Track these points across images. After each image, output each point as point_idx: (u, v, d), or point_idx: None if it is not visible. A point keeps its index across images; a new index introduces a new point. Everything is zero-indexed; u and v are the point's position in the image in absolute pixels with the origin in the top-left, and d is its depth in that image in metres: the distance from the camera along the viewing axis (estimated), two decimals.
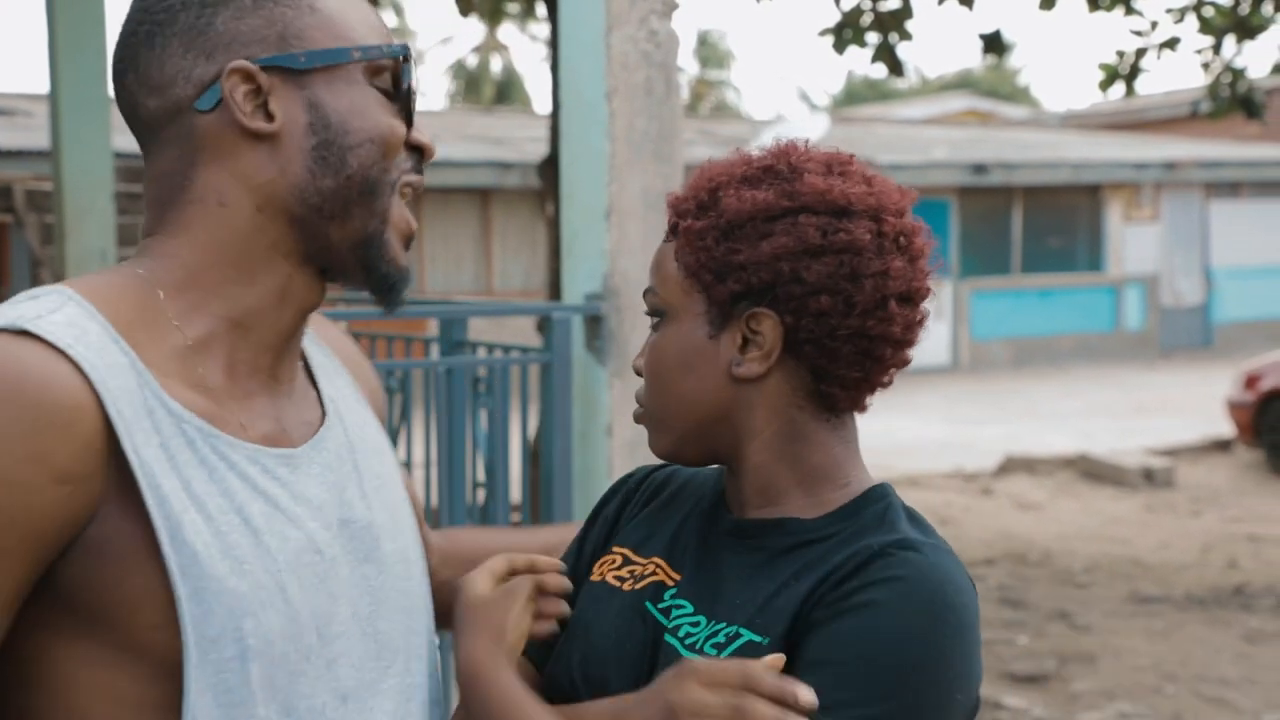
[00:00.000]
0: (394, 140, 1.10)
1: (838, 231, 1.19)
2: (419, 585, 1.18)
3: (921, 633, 1.11)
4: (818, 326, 1.19)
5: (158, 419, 1.00)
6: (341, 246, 1.09)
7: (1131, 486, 9.84)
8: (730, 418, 1.22)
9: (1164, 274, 20.06)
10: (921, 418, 13.54)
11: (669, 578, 1.25)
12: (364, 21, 1.11)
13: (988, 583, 7.18)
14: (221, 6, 1.07)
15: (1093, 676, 5.62)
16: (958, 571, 1.17)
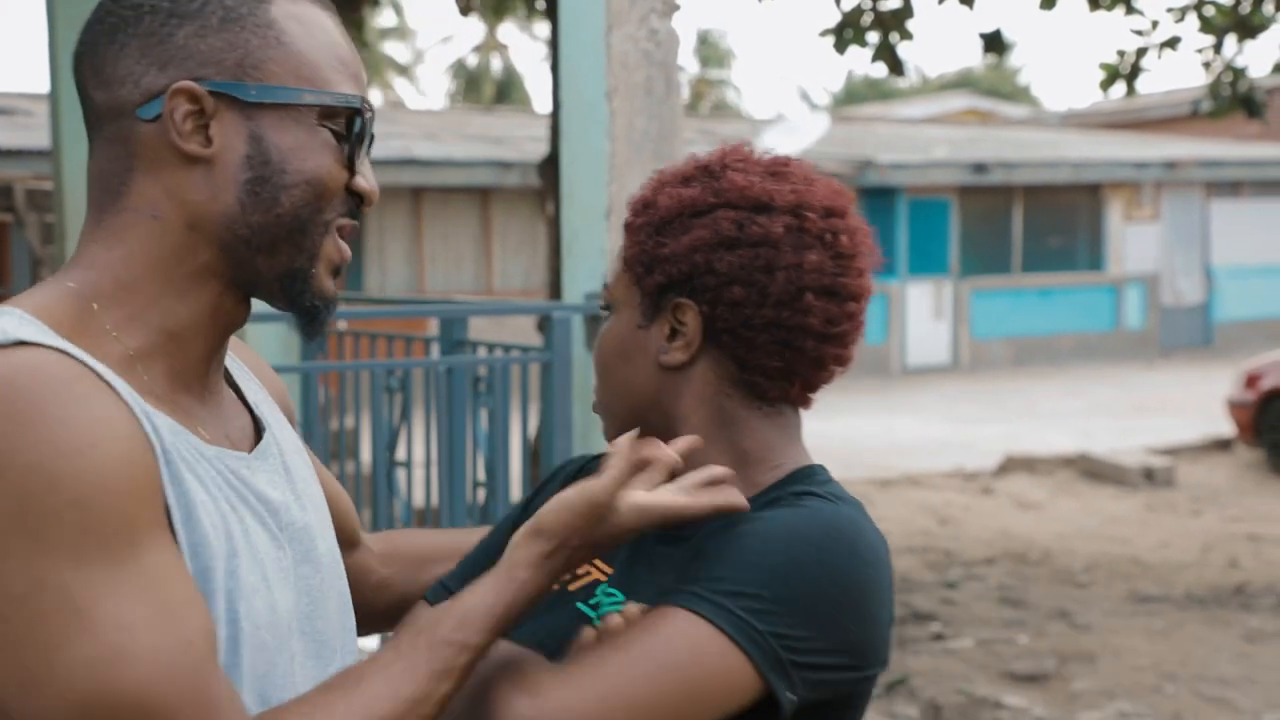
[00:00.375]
0: (331, 185, 1.08)
1: (753, 225, 1.24)
2: (345, 584, 1.21)
3: (811, 545, 1.15)
4: (733, 316, 1.24)
5: (140, 405, 1.01)
6: (267, 277, 1.08)
7: (1132, 486, 9.84)
8: (662, 405, 1.28)
9: (1164, 273, 20.05)
10: (921, 417, 13.54)
11: (602, 572, 1.29)
12: (332, 61, 1.09)
13: (988, 582, 7.18)
14: (188, 20, 1.05)
15: (1093, 676, 5.62)
16: (864, 523, 1.21)
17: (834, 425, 12.89)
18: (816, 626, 1.13)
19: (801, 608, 1.13)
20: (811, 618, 1.13)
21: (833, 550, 1.15)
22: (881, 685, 5.52)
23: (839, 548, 1.16)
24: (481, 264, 15.60)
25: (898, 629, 6.34)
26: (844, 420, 13.27)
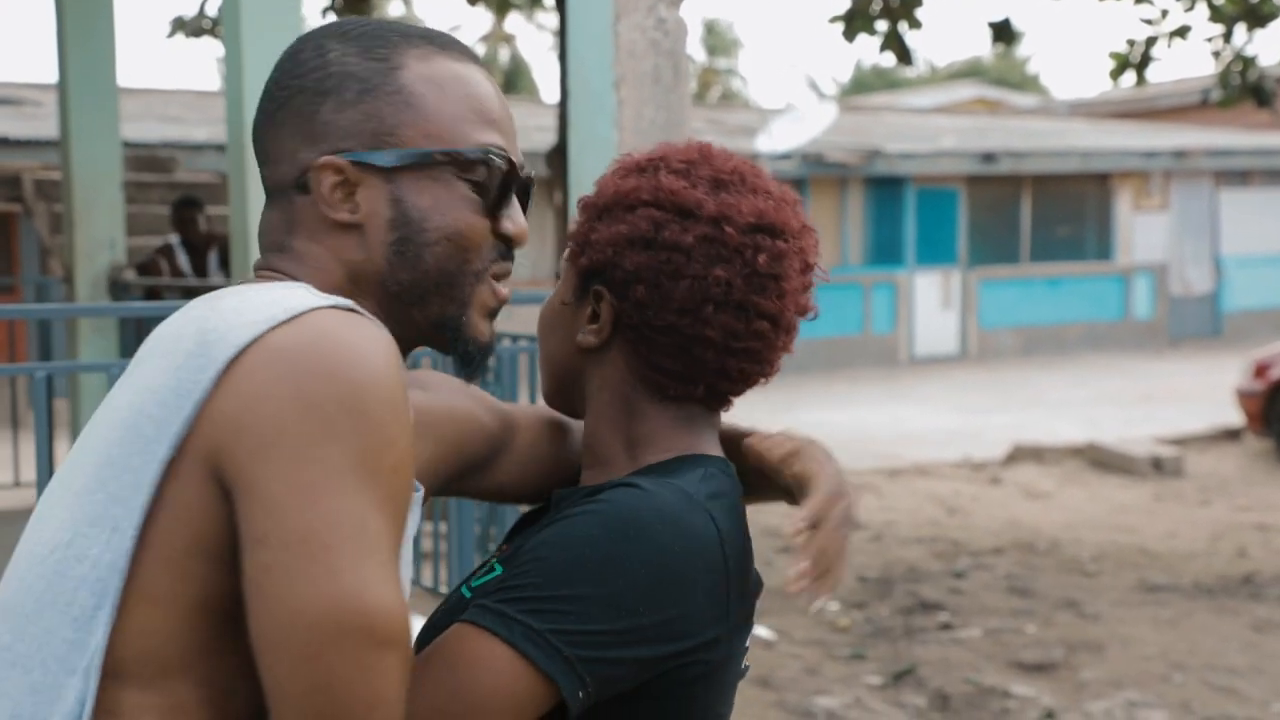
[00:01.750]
0: (473, 236, 1.15)
1: (668, 229, 1.26)
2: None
3: (597, 540, 1.15)
4: (636, 314, 1.27)
5: None
6: (423, 326, 1.16)
7: (1140, 475, 9.83)
8: (577, 380, 1.33)
9: (1173, 263, 20.01)
10: (929, 407, 13.53)
11: (500, 552, 1.34)
12: (464, 114, 1.15)
13: (996, 572, 7.18)
14: (328, 97, 1.14)
15: (1101, 665, 5.62)
16: (679, 509, 1.18)
17: (842, 415, 12.88)
18: (601, 618, 1.12)
19: (583, 601, 1.12)
20: (595, 609, 1.12)
21: (622, 539, 1.14)
22: (889, 675, 5.52)
23: (630, 536, 1.15)
24: None
25: (905, 618, 6.34)
26: (852, 410, 13.27)
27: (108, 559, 1.02)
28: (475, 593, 1.22)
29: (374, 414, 1.00)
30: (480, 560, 1.43)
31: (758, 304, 1.27)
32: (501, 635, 1.11)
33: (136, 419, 1.03)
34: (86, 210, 6.82)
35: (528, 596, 1.13)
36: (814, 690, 5.24)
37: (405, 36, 1.16)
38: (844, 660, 5.71)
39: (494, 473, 1.41)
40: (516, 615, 1.12)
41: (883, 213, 18.25)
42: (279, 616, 0.98)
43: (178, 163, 10.77)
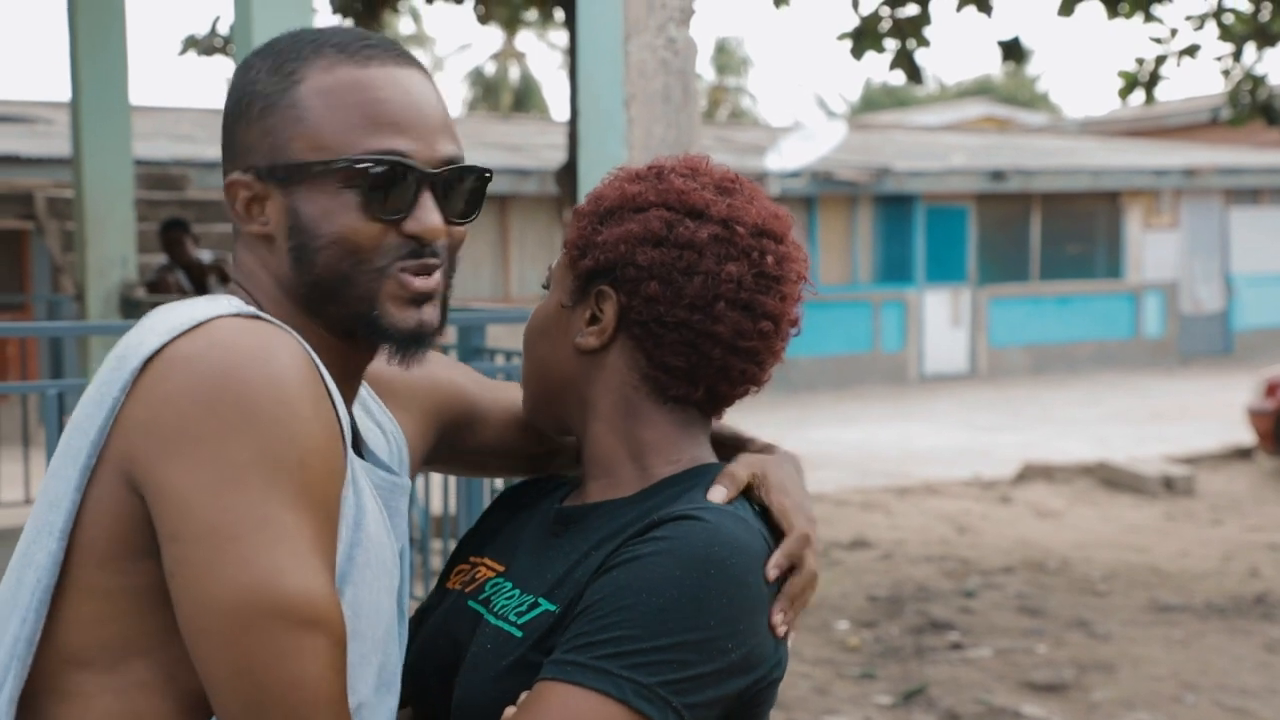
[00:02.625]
0: (359, 240, 1.18)
1: (681, 227, 1.28)
2: (401, 623, 1.29)
3: (680, 580, 1.15)
4: (647, 310, 1.28)
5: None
6: (342, 323, 1.20)
7: (1151, 494, 9.80)
8: (575, 387, 1.32)
9: (1184, 281, 19.98)
10: (939, 425, 13.51)
11: (493, 570, 1.34)
12: (353, 121, 1.18)
13: (1006, 591, 7.16)
14: (241, 116, 1.21)
15: (1112, 685, 5.59)
16: (742, 536, 1.20)
17: (851, 433, 12.86)
18: (700, 662, 1.14)
19: (682, 649, 1.13)
20: (693, 655, 1.14)
21: (709, 580, 1.16)
22: (899, 694, 5.50)
23: (712, 574, 1.16)
24: (499, 271, 15.63)
25: (915, 638, 6.32)
26: (861, 428, 13.25)
27: (47, 562, 1.11)
28: (528, 630, 1.22)
29: (270, 411, 1.05)
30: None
31: (763, 304, 1.29)
32: (613, 695, 1.11)
33: (70, 431, 1.12)
34: (98, 228, 6.84)
35: (627, 651, 1.13)
36: (824, 710, 5.22)
37: (316, 48, 1.20)
38: (854, 680, 5.69)
39: (477, 435, 1.44)
40: (621, 672, 1.12)
41: (892, 231, 18.25)
42: (198, 607, 1.04)
43: (189, 180, 10.80)
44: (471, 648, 1.26)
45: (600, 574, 1.19)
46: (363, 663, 1.14)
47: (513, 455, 1.47)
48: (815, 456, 11.12)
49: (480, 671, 1.23)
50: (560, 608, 1.22)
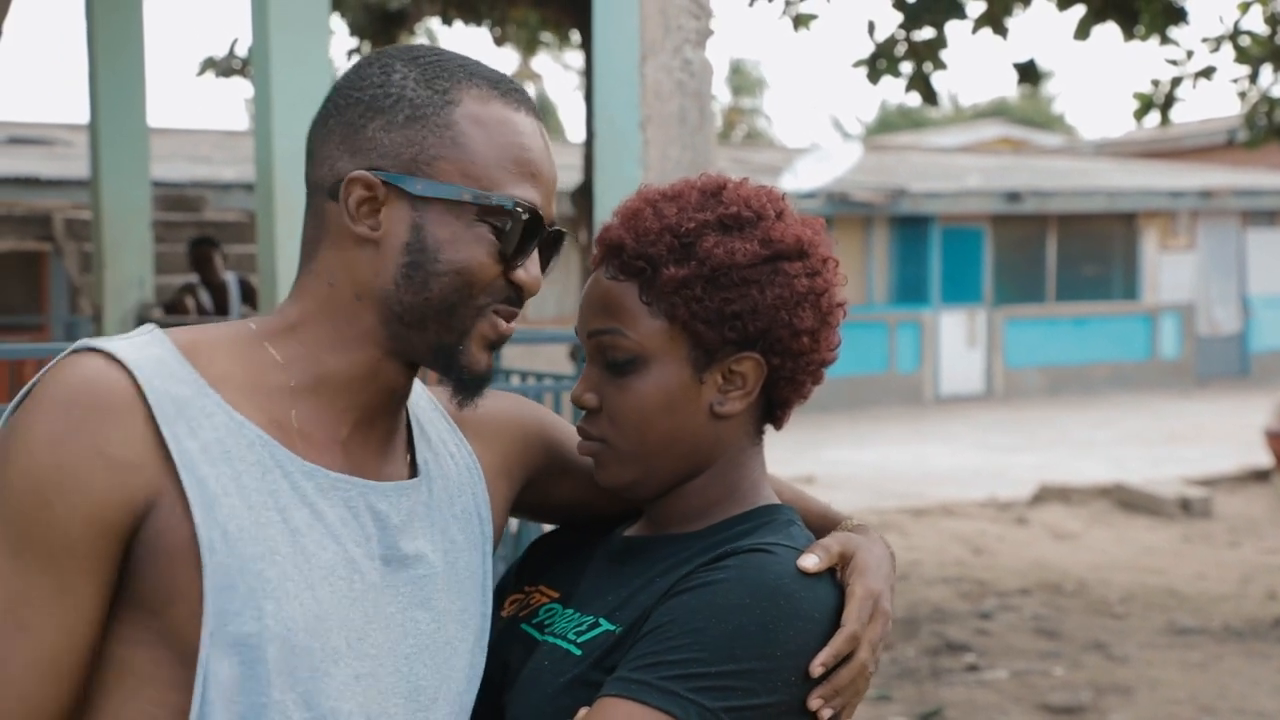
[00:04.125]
0: (481, 276, 1.17)
1: (814, 276, 1.28)
2: (468, 652, 1.25)
3: (750, 608, 1.16)
4: (796, 365, 1.28)
5: (215, 420, 1.11)
6: (419, 349, 1.19)
7: (1168, 516, 9.75)
8: (701, 451, 1.29)
9: (1200, 302, 19.92)
10: (955, 446, 13.47)
11: (547, 596, 1.33)
12: (504, 163, 1.17)
13: (1022, 613, 7.13)
14: (379, 114, 1.17)
15: (1129, 708, 5.56)
16: (806, 577, 1.20)
17: (866, 454, 12.83)
18: (763, 692, 1.15)
19: (748, 676, 1.14)
20: (758, 684, 1.14)
21: (776, 611, 1.16)
22: (915, 716, 5.48)
23: (781, 607, 1.17)
24: None
25: (931, 659, 6.29)
26: (876, 449, 13.22)
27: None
28: (587, 649, 1.22)
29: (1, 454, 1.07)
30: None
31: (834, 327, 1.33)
32: (677, 716, 1.12)
33: None
34: (116, 249, 6.88)
35: (694, 674, 1.13)
36: None
37: (469, 74, 1.19)
38: (870, 701, 5.67)
39: (565, 486, 1.41)
40: (687, 694, 1.12)
41: (908, 252, 18.24)
42: None
43: (206, 202, 10.86)
44: (526, 667, 1.26)
45: (668, 597, 1.19)
46: (319, 675, 1.10)
47: (597, 514, 1.43)
48: (830, 477, 11.10)
49: (537, 689, 1.23)
50: (622, 628, 1.22)
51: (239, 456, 1.10)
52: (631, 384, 1.27)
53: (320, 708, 1.10)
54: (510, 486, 1.35)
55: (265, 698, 1.07)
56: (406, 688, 1.17)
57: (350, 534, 1.15)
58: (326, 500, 1.14)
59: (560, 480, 1.40)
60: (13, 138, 14.15)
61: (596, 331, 1.29)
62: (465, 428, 1.33)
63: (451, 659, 1.21)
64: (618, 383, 1.28)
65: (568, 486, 1.41)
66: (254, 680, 1.07)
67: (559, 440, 1.41)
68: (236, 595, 1.07)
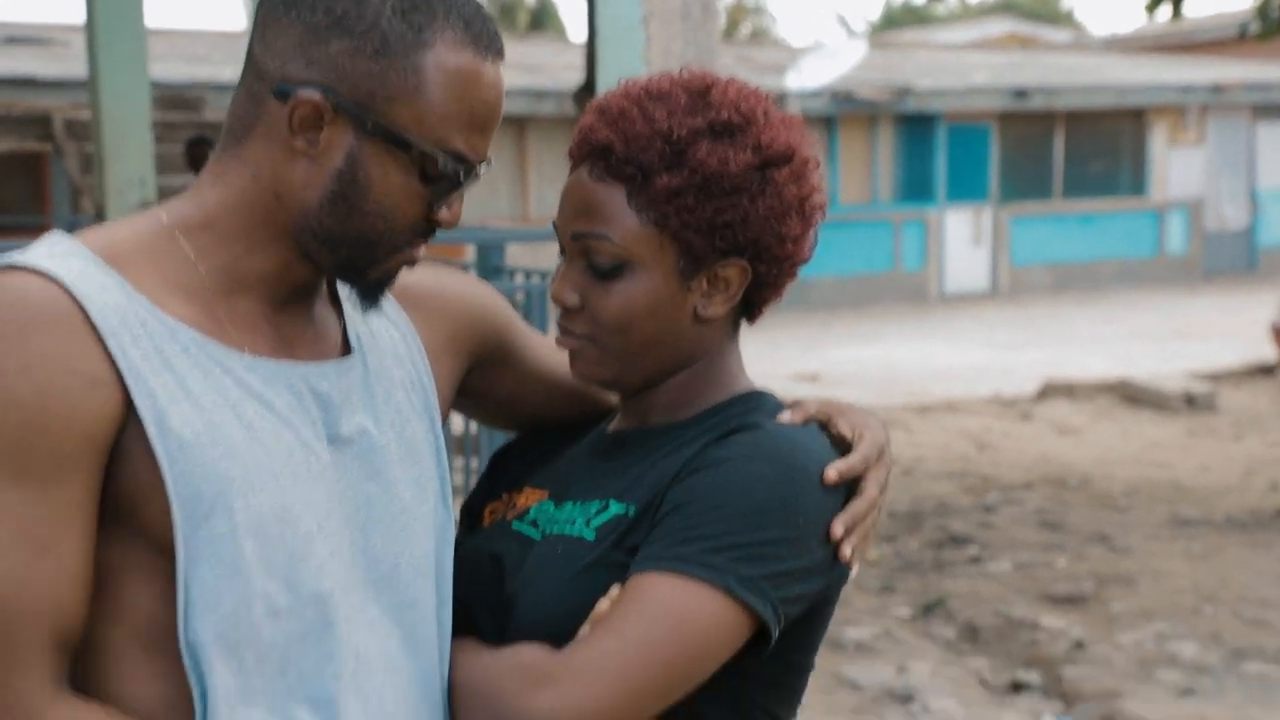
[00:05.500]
0: (404, 220, 1.16)
1: (800, 181, 1.28)
2: (431, 514, 1.25)
3: (770, 481, 1.19)
4: (779, 269, 1.30)
5: (150, 328, 1.10)
6: (327, 263, 1.18)
7: (1172, 411, 9.78)
8: (683, 350, 1.30)
9: (1209, 198, 19.79)
10: (960, 344, 13.49)
11: (534, 496, 1.34)
12: (460, 119, 1.15)
13: (1026, 506, 7.18)
14: (348, 36, 1.12)
15: (1131, 598, 5.63)
16: (815, 446, 1.25)
17: (871, 352, 12.85)
18: (792, 558, 1.18)
19: (777, 545, 1.17)
20: (786, 551, 1.18)
21: (793, 480, 1.20)
22: (919, 607, 5.55)
23: (797, 478, 1.20)
24: (517, 192, 15.58)
25: (934, 552, 6.36)
26: (881, 347, 13.24)
27: None
28: (601, 533, 1.23)
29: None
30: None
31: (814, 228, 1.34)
32: (719, 585, 1.15)
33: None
34: (117, 149, 6.83)
35: (727, 545, 1.16)
36: (844, 622, 5.28)
37: (448, 14, 1.15)
38: (873, 593, 5.74)
39: (513, 372, 1.40)
40: (724, 564, 1.15)
41: (913, 150, 18.09)
42: None
43: (205, 102, 10.77)
44: (531, 559, 1.26)
45: (683, 478, 1.21)
46: (297, 560, 1.12)
47: (538, 414, 1.44)
48: (835, 375, 11.13)
49: (550, 578, 1.23)
50: (635, 510, 1.23)
51: (179, 363, 1.10)
52: (616, 287, 1.27)
53: (302, 590, 1.12)
54: (455, 365, 1.35)
55: (250, 590, 1.09)
56: (365, 559, 1.18)
57: (299, 418, 1.15)
58: (272, 389, 1.14)
59: (504, 371, 1.40)
60: (9, 37, 14.01)
61: (581, 235, 1.28)
62: (409, 302, 1.32)
63: (409, 525, 1.22)
64: (601, 285, 1.27)
65: (511, 379, 1.40)
66: (236, 576, 1.08)
67: (510, 330, 1.40)
68: (204, 500, 1.08)
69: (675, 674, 1.14)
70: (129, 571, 1.10)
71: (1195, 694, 4.57)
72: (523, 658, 1.16)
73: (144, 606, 1.10)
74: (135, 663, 1.10)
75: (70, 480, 1.06)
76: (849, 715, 4.30)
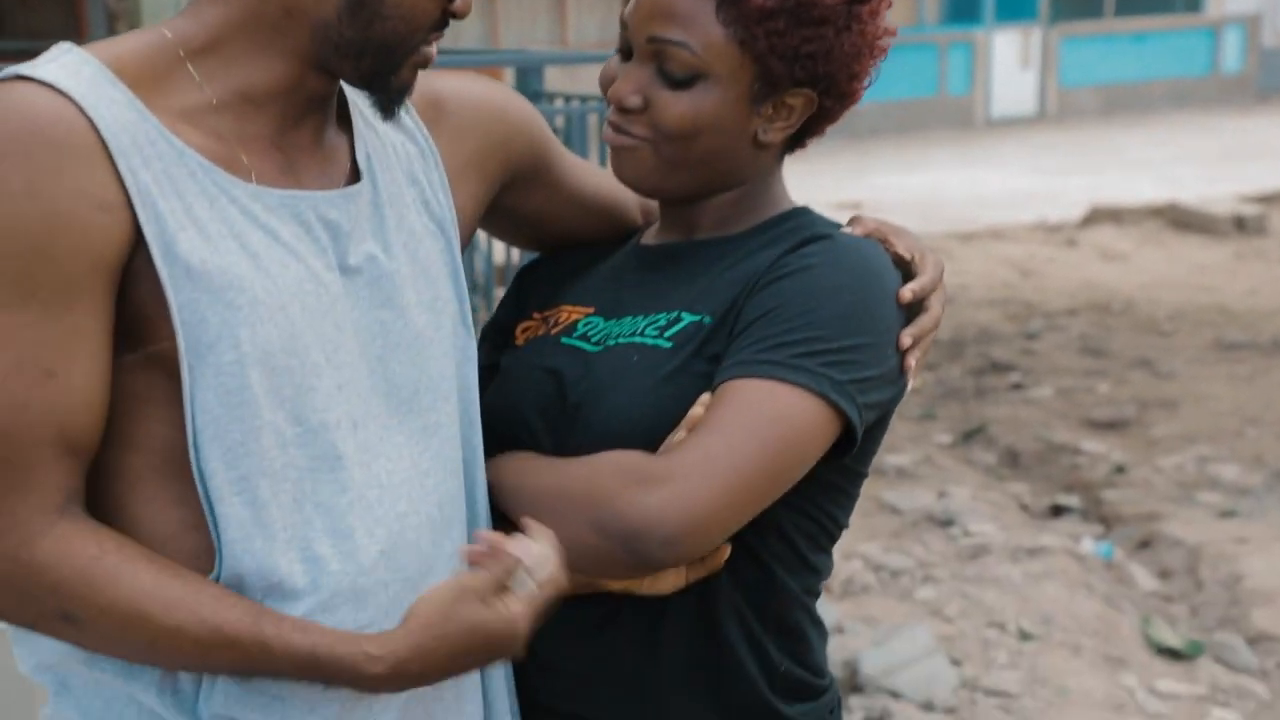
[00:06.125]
0: (425, 23, 1.14)
1: (876, 19, 1.27)
2: (448, 338, 1.24)
3: (854, 288, 1.22)
4: (841, 105, 1.30)
5: (159, 149, 1.07)
6: (349, 74, 1.16)
7: (1221, 234, 9.65)
8: (735, 171, 1.31)
9: (1266, 13, 19.18)
10: (1005, 169, 13.29)
11: (579, 312, 1.34)
12: None
13: (1069, 333, 7.16)
14: None
15: (1173, 421, 5.64)
16: (885, 259, 1.27)
17: (915, 179, 12.69)
18: (873, 364, 1.20)
19: (861, 350, 1.19)
20: (868, 358, 1.19)
21: (871, 289, 1.22)
22: (959, 433, 5.58)
23: (874, 284, 1.23)
24: (556, 17, 15.30)
25: (976, 379, 6.37)
26: (925, 174, 13.06)
27: None
28: (679, 341, 1.24)
29: None
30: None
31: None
32: (813, 389, 1.16)
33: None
34: None
35: (818, 350, 1.17)
36: (885, 448, 5.31)
37: None
38: (915, 420, 5.78)
39: (545, 190, 1.39)
40: (817, 369, 1.17)
41: None
42: None
43: None
44: (598, 371, 1.26)
45: (763, 286, 1.22)
46: (304, 391, 1.11)
47: (568, 233, 1.43)
48: (877, 203, 11.02)
49: (629, 385, 1.24)
50: (713, 319, 1.24)
51: (186, 188, 1.08)
52: (685, 97, 1.25)
53: (309, 421, 1.11)
54: (482, 183, 1.33)
55: (258, 420, 1.08)
56: (385, 387, 1.17)
57: (307, 248, 1.13)
58: (278, 219, 1.12)
59: (537, 188, 1.38)
60: None
61: (659, 39, 1.25)
62: (435, 116, 1.30)
63: (426, 349, 1.21)
64: (669, 92, 1.25)
65: (543, 197, 1.39)
66: (243, 406, 1.08)
67: (544, 146, 1.38)
68: (210, 329, 1.06)
69: (777, 475, 1.16)
70: (145, 397, 1.09)
71: (1236, 515, 4.60)
72: (623, 461, 1.16)
73: (159, 432, 1.09)
74: (153, 488, 1.10)
75: (78, 306, 1.04)
76: (889, 539, 4.37)
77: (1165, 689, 3.39)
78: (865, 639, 3.54)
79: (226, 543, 1.08)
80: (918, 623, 3.64)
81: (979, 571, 4.02)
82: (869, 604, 3.85)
